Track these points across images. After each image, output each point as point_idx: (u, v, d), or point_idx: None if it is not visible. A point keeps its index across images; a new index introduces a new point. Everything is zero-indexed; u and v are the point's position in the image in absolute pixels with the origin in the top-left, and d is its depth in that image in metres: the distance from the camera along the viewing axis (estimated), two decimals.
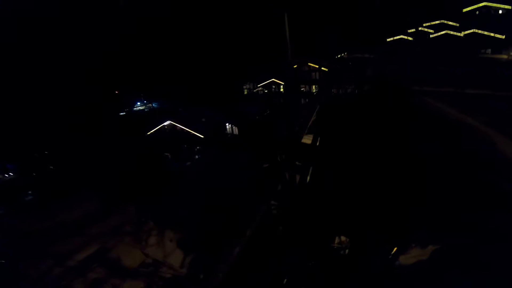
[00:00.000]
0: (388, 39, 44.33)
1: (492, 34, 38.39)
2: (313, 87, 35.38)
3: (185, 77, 51.58)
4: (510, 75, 15.63)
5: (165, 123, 31.55)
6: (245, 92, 41.61)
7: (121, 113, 46.29)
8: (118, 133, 33.57)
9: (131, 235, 13.87)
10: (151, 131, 32.07)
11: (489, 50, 37.65)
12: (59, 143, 29.94)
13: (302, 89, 36.86)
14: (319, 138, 4.74)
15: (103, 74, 50.15)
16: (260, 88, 39.22)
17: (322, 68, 32.45)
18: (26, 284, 10.80)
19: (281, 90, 37.84)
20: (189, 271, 10.16)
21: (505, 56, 33.90)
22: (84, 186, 19.20)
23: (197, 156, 27.64)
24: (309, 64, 35.24)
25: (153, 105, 50.48)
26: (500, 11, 46.20)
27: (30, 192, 19.97)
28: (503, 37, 37.70)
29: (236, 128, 30.24)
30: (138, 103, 50.84)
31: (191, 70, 52.91)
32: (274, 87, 36.82)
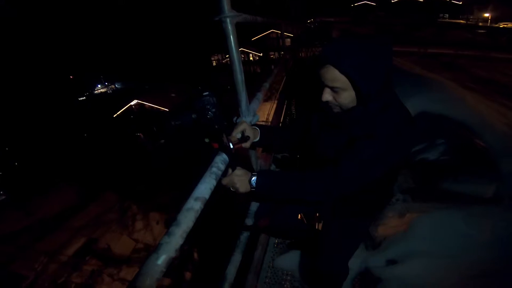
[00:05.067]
0: (352, 5, 44.72)
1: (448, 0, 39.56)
2: (282, 53, 35.01)
3: (146, 51, 48.26)
4: (469, 37, 16.72)
5: (132, 103, 29.94)
6: (214, 64, 40.01)
7: (81, 98, 42.90)
8: (81, 119, 31.48)
9: (116, 222, 13.77)
10: (118, 113, 30.37)
11: (446, 15, 39.15)
12: (18, 138, 27.65)
13: (272, 56, 36.36)
14: (285, 103, 4.66)
15: (52, 60, 45.41)
16: (229, 59, 37.85)
17: (286, 34, 31.95)
18: (28, 286, 10.57)
19: (251, 59, 36.89)
20: (181, 251, 10.44)
21: (463, 21, 35.53)
22: (57, 178, 18.28)
23: (170, 133, 26.94)
24: (273, 30, 34.51)
25: (116, 85, 47.16)
26: None
27: (1, 192, 18.56)
28: (460, 2, 39.10)
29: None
30: (99, 86, 47.17)
31: (152, 44, 49.43)
32: (243, 56, 35.79)
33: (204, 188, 0.96)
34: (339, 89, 0.99)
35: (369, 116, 1.01)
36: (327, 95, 1.03)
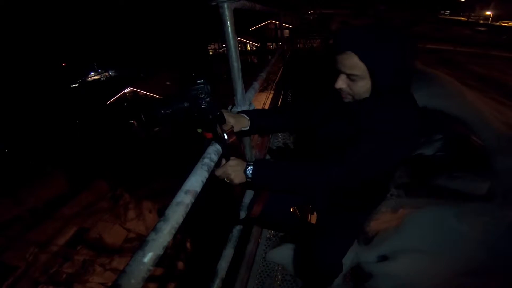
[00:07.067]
0: None
1: None
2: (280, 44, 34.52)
3: (142, 39, 47.20)
4: (469, 34, 16.72)
5: (125, 90, 29.51)
6: (210, 53, 39.36)
7: (73, 85, 42.04)
8: (74, 106, 30.94)
9: (107, 211, 13.68)
10: (111, 100, 29.96)
11: (448, 12, 39.11)
12: (8, 125, 27.07)
13: (269, 47, 36.00)
14: (282, 93, 4.60)
15: (44, 47, 44.13)
16: (225, 47, 37.38)
17: (285, 24, 31.71)
18: (18, 276, 10.49)
19: (248, 49, 36.44)
20: (174, 240, 10.46)
21: (464, 19, 35.53)
22: (48, 166, 17.98)
23: (159, 122, 26.74)
24: (272, 21, 34.11)
25: (110, 73, 46.26)
26: None
27: None
28: (463, 0, 39.06)
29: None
30: (92, 73, 46.21)
31: (148, 31, 48.32)
32: (240, 46, 35.30)
33: (195, 181, 0.91)
34: (356, 77, 0.95)
35: (381, 110, 0.98)
36: (342, 82, 0.99)
